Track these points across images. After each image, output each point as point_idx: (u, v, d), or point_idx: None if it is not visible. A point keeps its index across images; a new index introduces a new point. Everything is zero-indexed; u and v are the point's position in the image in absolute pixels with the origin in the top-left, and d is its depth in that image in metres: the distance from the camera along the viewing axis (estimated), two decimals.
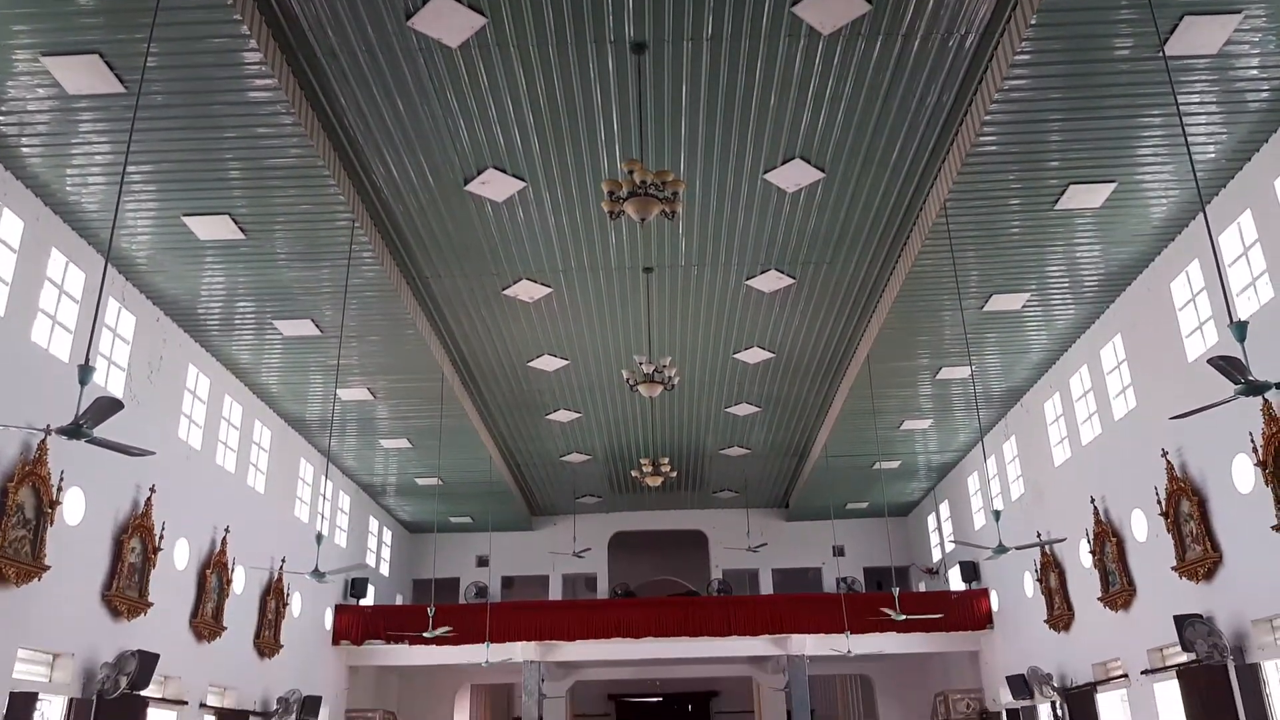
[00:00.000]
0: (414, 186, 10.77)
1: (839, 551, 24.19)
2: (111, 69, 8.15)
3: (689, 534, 25.23)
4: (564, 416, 17.92)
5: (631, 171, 7.83)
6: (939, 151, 10.34)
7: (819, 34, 8.55)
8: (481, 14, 8.24)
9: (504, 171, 10.49)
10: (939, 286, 12.45)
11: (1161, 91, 8.81)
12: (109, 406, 6.83)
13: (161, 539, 12.54)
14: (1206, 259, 10.94)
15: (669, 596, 23.80)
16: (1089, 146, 9.68)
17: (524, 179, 10.63)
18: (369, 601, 20.71)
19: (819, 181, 10.81)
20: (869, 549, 24.31)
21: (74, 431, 6.71)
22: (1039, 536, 15.43)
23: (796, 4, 8.20)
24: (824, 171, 10.62)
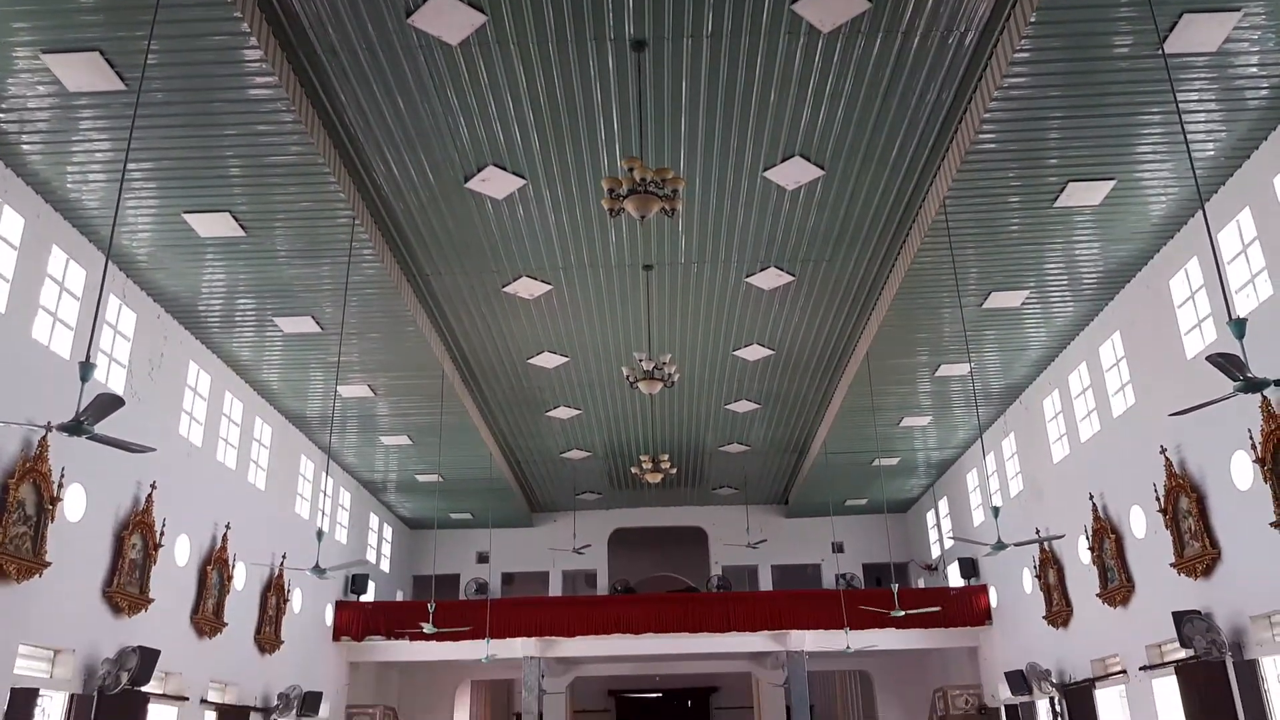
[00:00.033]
0: (414, 184, 10.78)
1: (838, 548, 24.21)
2: (112, 66, 8.17)
3: (689, 530, 25.26)
4: (564, 413, 17.94)
5: (631, 169, 7.84)
6: (938, 149, 10.35)
7: (819, 31, 8.55)
8: (481, 11, 8.25)
9: (504, 169, 10.50)
10: (938, 284, 12.46)
11: (1161, 89, 8.82)
12: (110, 403, 6.84)
13: (162, 535, 12.57)
14: (1205, 256, 10.95)
15: (669, 593, 23.81)
16: (1088, 144, 9.69)
17: (524, 176, 10.64)
18: (369, 598, 20.73)
19: (818, 179, 10.82)
20: (868, 545, 24.34)
21: (75, 428, 6.72)
22: (1038, 533, 15.44)
23: (796, 1, 8.20)
24: (823, 169, 10.63)
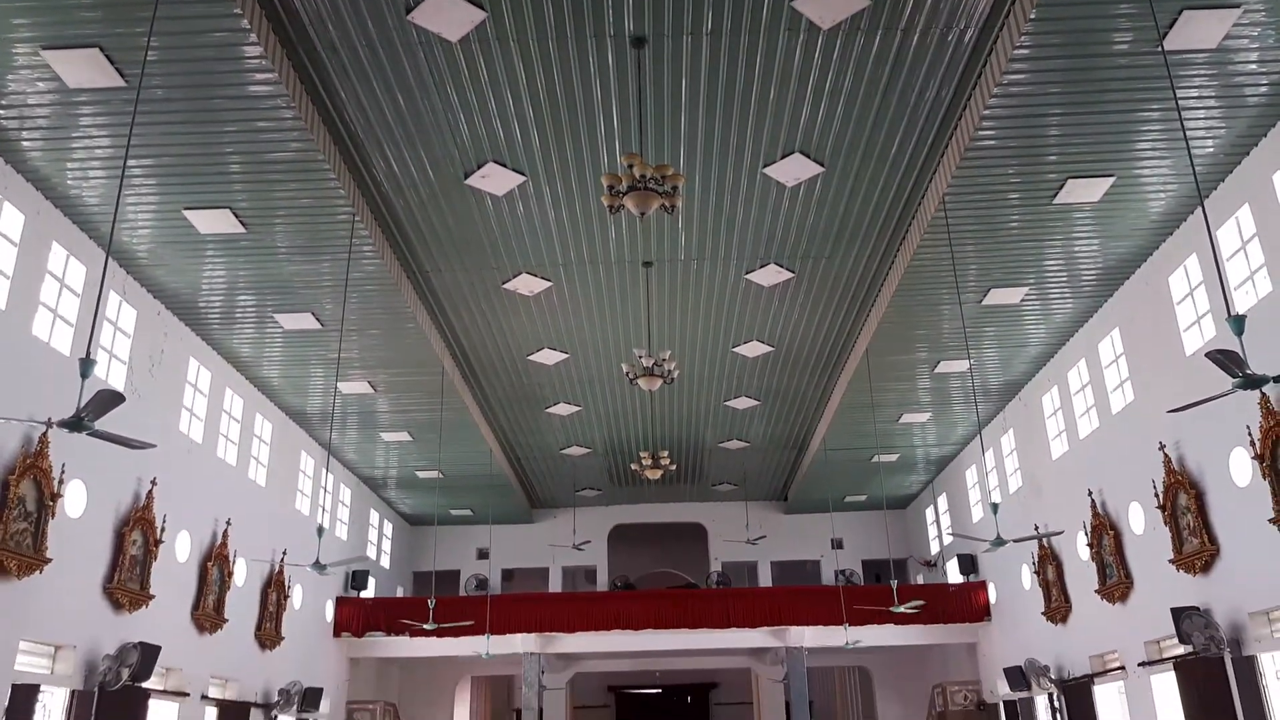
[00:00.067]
0: (414, 180, 10.78)
1: (837, 544, 24.23)
2: (112, 63, 8.16)
3: (688, 527, 25.29)
4: (564, 410, 17.95)
5: (631, 166, 7.85)
6: (938, 146, 10.35)
7: (818, 28, 8.55)
8: (481, 8, 8.25)
9: (504, 166, 10.50)
10: (938, 280, 12.47)
11: (1160, 86, 8.82)
12: (110, 400, 6.86)
13: (163, 531, 12.58)
14: (1205, 253, 10.96)
15: (668, 589, 23.86)
16: (1088, 141, 9.69)
17: (524, 173, 10.64)
18: (370, 594, 20.77)
19: (818, 176, 10.82)
20: (867, 541, 24.38)
21: (75, 424, 6.74)
22: (1036, 529, 15.44)
23: None
24: (823, 166, 10.64)
